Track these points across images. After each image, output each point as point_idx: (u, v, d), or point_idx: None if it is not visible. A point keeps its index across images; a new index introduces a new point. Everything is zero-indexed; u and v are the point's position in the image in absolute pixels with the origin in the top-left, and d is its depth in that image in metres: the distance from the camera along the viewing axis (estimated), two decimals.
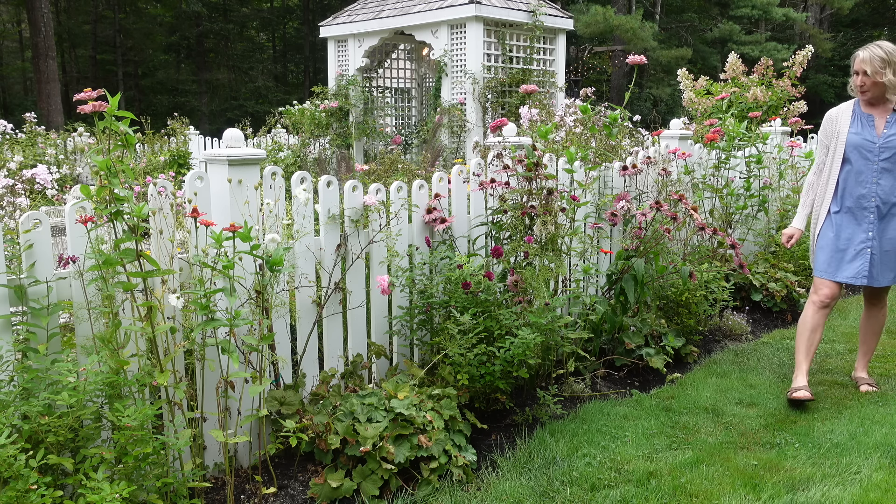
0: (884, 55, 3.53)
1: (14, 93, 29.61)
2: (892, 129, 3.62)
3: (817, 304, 3.78)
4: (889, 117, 3.65)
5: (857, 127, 3.67)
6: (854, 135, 3.66)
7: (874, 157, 3.62)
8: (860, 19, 28.42)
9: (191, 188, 2.72)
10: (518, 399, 3.66)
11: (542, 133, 3.97)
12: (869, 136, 3.63)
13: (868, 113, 3.68)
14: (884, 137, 3.61)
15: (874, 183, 3.63)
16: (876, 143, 3.61)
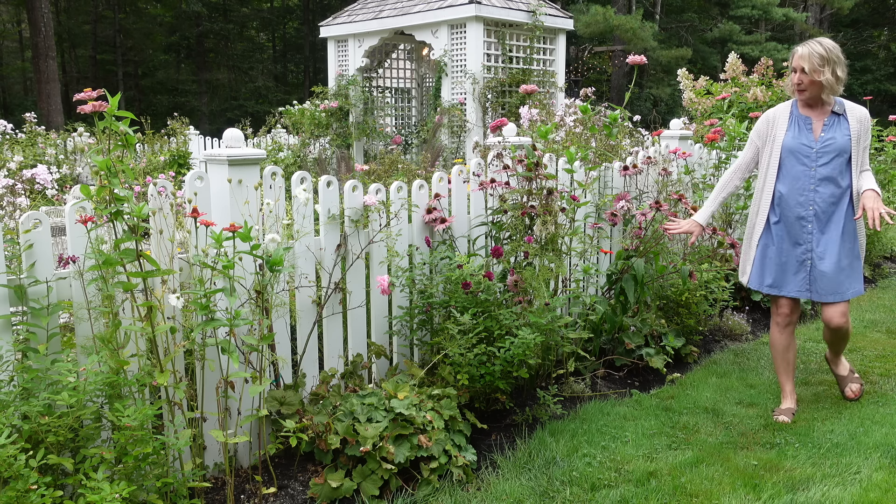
0: (823, 52, 3.30)
1: (14, 93, 29.61)
2: (830, 133, 3.37)
3: (780, 324, 3.61)
4: (827, 120, 3.40)
5: (793, 130, 3.43)
6: (791, 138, 3.41)
7: (811, 162, 3.37)
8: (860, 19, 28.42)
9: (191, 188, 2.72)
10: (518, 399, 3.66)
11: (542, 133, 3.97)
12: (806, 140, 3.39)
13: (806, 115, 3.43)
14: (822, 141, 3.36)
15: (812, 190, 3.37)
16: (813, 147, 3.37)
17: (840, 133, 3.36)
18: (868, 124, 3.42)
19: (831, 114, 3.41)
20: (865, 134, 3.40)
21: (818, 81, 3.31)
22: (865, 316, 5.32)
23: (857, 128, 3.37)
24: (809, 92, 3.37)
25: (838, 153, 3.35)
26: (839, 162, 3.36)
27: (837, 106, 3.40)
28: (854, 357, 4.44)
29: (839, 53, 3.34)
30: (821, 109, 3.42)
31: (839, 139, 3.35)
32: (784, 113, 3.49)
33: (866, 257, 6.71)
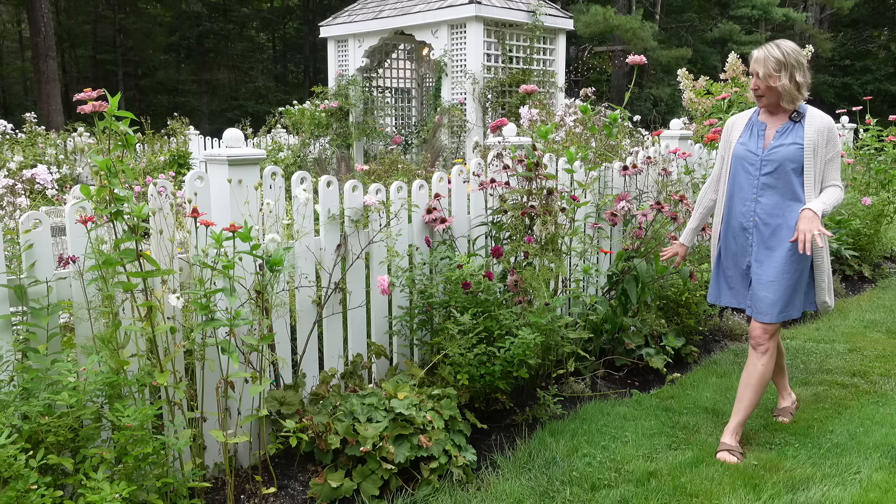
0: (780, 56, 3.04)
1: (14, 93, 29.63)
2: (779, 141, 3.12)
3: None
4: (782, 127, 3.14)
5: (745, 136, 3.22)
6: (740, 145, 3.22)
7: (755, 170, 3.15)
8: (860, 19, 28.42)
9: (191, 188, 2.72)
10: (518, 399, 3.66)
11: (542, 133, 3.96)
12: (754, 148, 3.17)
13: (763, 122, 3.21)
14: (769, 149, 3.12)
15: (753, 200, 3.16)
16: (759, 155, 3.15)
17: (790, 141, 3.10)
18: (832, 135, 3.09)
19: (788, 120, 3.14)
20: (828, 146, 3.09)
21: (774, 88, 3.07)
22: (865, 316, 5.32)
23: (815, 138, 3.07)
24: (767, 98, 3.13)
25: (782, 163, 3.08)
26: (785, 172, 3.09)
27: (797, 114, 3.14)
28: (854, 357, 4.44)
29: (799, 57, 3.08)
30: (780, 115, 3.18)
31: (787, 148, 3.09)
32: (743, 119, 3.30)
33: (866, 257, 6.70)
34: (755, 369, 3.22)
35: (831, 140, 3.10)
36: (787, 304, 3.13)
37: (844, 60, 27.10)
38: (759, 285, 3.15)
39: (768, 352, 3.20)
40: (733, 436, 3.21)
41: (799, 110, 3.14)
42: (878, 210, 6.69)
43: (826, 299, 3.21)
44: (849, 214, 6.46)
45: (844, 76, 26.90)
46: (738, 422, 3.23)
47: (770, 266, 3.12)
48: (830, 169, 3.11)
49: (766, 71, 3.06)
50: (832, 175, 3.11)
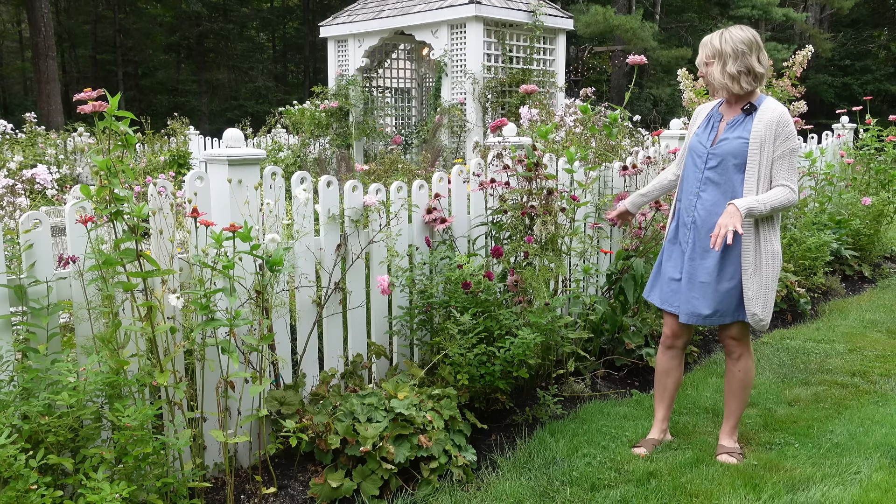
0: (717, 45, 2.87)
1: (14, 93, 29.62)
2: (727, 134, 2.93)
3: (663, 344, 3.26)
4: (733, 119, 2.95)
5: (702, 128, 3.05)
6: (695, 136, 3.06)
7: (701, 164, 2.98)
8: (860, 19, 28.42)
9: (191, 188, 2.73)
10: (518, 399, 3.66)
11: (542, 133, 3.96)
12: (704, 140, 3.00)
13: (721, 113, 3.03)
14: (717, 143, 2.95)
15: (695, 195, 2.99)
16: (707, 148, 2.97)
17: (736, 135, 2.90)
18: (784, 130, 2.83)
19: (741, 112, 2.94)
20: (777, 141, 2.84)
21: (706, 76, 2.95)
22: (865, 316, 5.32)
23: (763, 132, 2.83)
24: (709, 87, 2.97)
25: (725, 157, 2.90)
26: (727, 168, 2.90)
27: (750, 106, 2.93)
28: (854, 357, 4.44)
29: (742, 47, 2.84)
30: (735, 107, 2.98)
31: (732, 142, 2.90)
32: (706, 109, 3.12)
33: (866, 257, 6.70)
34: (733, 376, 3.13)
35: (781, 135, 2.83)
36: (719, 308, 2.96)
37: (844, 60, 27.10)
38: (697, 284, 2.98)
39: (742, 356, 3.10)
40: (731, 437, 3.17)
41: (754, 103, 2.92)
42: (878, 210, 6.69)
43: (756, 311, 2.90)
44: (849, 214, 6.46)
45: (844, 76, 26.90)
46: (732, 424, 3.18)
47: (706, 268, 2.95)
48: (780, 168, 2.84)
49: (700, 59, 2.96)
50: (782, 175, 2.84)
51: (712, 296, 2.95)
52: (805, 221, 5.95)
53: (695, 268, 2.99)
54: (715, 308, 2.96)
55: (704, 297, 2.96)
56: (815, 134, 7.50)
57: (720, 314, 2.97)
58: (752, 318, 2.93)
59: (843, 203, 6.52)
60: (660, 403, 3.30)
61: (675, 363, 3.25)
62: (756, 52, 2.88)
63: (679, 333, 3.19)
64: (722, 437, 3.19)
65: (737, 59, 2.85)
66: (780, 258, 2.95)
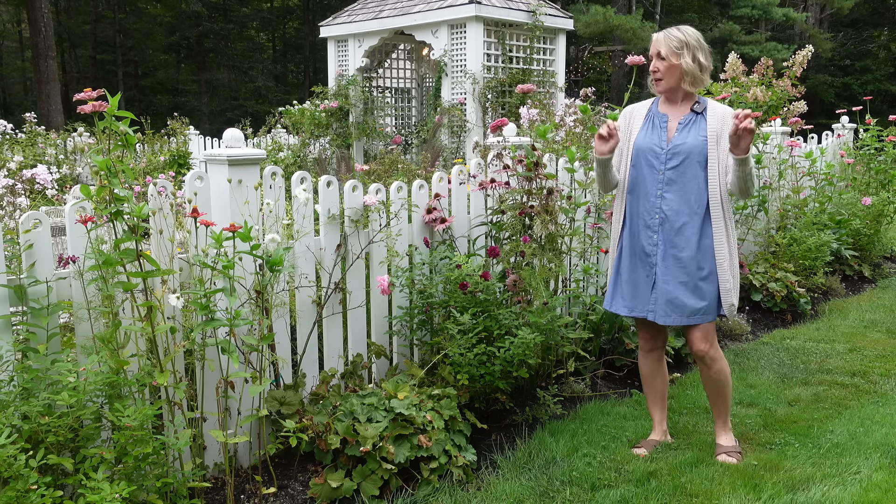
0: (681, 36, 2.93)
1: (14, 93, 29.62)
2: (683, 133, 2.97)
3: (643, 349, 3.27)
4: (684, 119, 3.00)
5: (647, 128, 3.05)
6: (642, 137, 3.04)
7: (660, 164, 2.98)
8: (860, 19, 28.42)
9: (191, 188, 2.73)
10: (518, 399, 3.66)
11: (541, 133, 3.96)
12: (657, 141, 3.00)
13: (664, 113, 3.05)
14: (673, 143, 2.97)
15: (658, 196, 2.99)
16: (664, 148, 2.98)
17: (695, 133, 2.96)
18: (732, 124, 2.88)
19: (690, 112, 3.00)
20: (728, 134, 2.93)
21: (676, 66, 2.93)
22: (865, 316, 5.32)
23: (717, 127, 2.94)
24: (667, 81, 2.98)
25: (688, 155, 2.94)
26: (691, 166, 2.95)
27: (699, 104, 3.00)
28: (854, 357, 4.44)
29: (701, 41, 2.97)
30: (680, 106, 3.03)
31: (692, 140, 2.95)
32: (642, 109, 3.11)
33: (866, 257, 6.70)
34: (709, 379, 3.11)
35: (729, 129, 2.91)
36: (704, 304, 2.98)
37: (844, 60, 27.10)
38: (667, 288, 2.98)
39: (716, 359, 3.05)
40: (726, 435, 3.18)
41: (699, 101, 3.01)
42: (878, 210, 6.69)
43: (733, 301, 3.01)
44: (849, 214, 6.46)
45: (844, 76, 26.89)
46: (724, 421, 3.19)
47: (682, 269, 2.96)
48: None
49: (669, 49, 2.93)
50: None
51: (695, 293, 2.97)
52: (805, 221, 5.95)
53: (669, 268, 2.98)
54: (704, 304, 2.98)
55: (688, 295, 2.97)
56: (815, 134, 7.50)
57: (704, 311, 2.98)
58: (729, 310, 3.00)
59: (843, 203, 6.52)
60: (654, 406, 3.32)
61: (657, 365, 3.27)
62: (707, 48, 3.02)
63: (656, 335, 3.22)
64: (718, 435, 3.20)
65: (702, 51, 2.96)
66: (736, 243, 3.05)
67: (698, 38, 2.97)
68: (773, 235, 6.00)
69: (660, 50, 2.95)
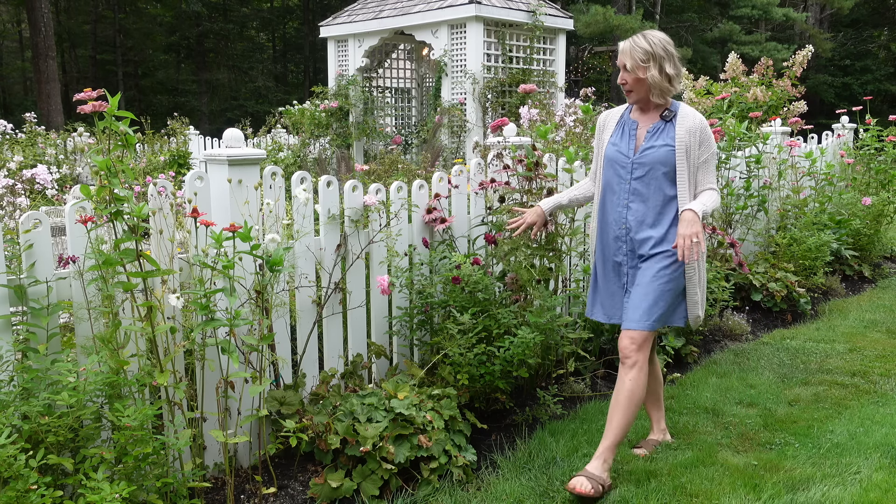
0: (647, 46, 2.81)
1: (14, 93, 29.63)
2: (651, 142, 2.88)
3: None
4: (653, 126, 2.90)
5: (616, 136, 2.97)
6: (611, 146, 2.96)
7: (626, 174, 2.90)
8: (860, 19, 28.42)
9: (191, 188, 2.73)
10: (518, 399, 3.66)
11: (541, 133, 3.97)
12: (625, 149, 2.92)
13: (634, 120, 2.96)
14: (640, 151, 2.89)
15: (624, 206, 2.91)
16: (630, 157, 2.90)
17: (661, 143, 2.87)
18: (705, 135, 2.87)
19: (660, 119, 2.91)
20: (701, 147, 2.87)
21: (643, 80, 2.84)
22: (865, 316, 5.32)
23: (686, 139, 2.84)
24: (636, 93, 2.89)
25: (653, 166, 2.86)
26: (657, 176, 2.86)
27: (668, 112, 2.90)
28: (854, 357, 4.44)
29: (669, 48, 2.85)
30: (651, 114, 2.94)
31: (658, 150, 2.86)
32: (615, 116, 3.04)
33: (866, 257, 6.70)
34: (622, 385, 2.90)
35: (704, 141, 2.88)
36: (655, 313, 2.87)
37: (844, 60, 27.10)
38: (629, 293, 2.95)
39: (636, 365, 2.88)
40: (600, 462, 2.83)
41: (671, 108, 2.91)
42: (878, 210, 6.69)
43: (699, 313, 2.96)
44: (849, 214, 6.46)
45: (844, 76, 26.90)
46: (608, 446, 2.85)
47: (642, 275, 2.90)
48: (705, 171, 2.89)
49: (634, 63, 2.83)
50: (707, 178, 2.90)
51: (650, 301, 2.87)
52: (805, 221, 5.95)
53: (636, 276, 2.93)
54: (650, 313, 2.86)
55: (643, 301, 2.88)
56: (815, 134, 7.50)
57: (655, 321, 2.88)
58: (694, 321, 2.98)
59: (843, 203, 6.52)
60: (650, 406, 3.28)
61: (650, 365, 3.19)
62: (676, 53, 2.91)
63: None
64: (593, 459, 2.85)
65: (670, 60, 2.85)
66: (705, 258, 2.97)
67: (665, 45, 2.84)
68: (773, 235, 6.00)
69: (626, 63, 2.85)
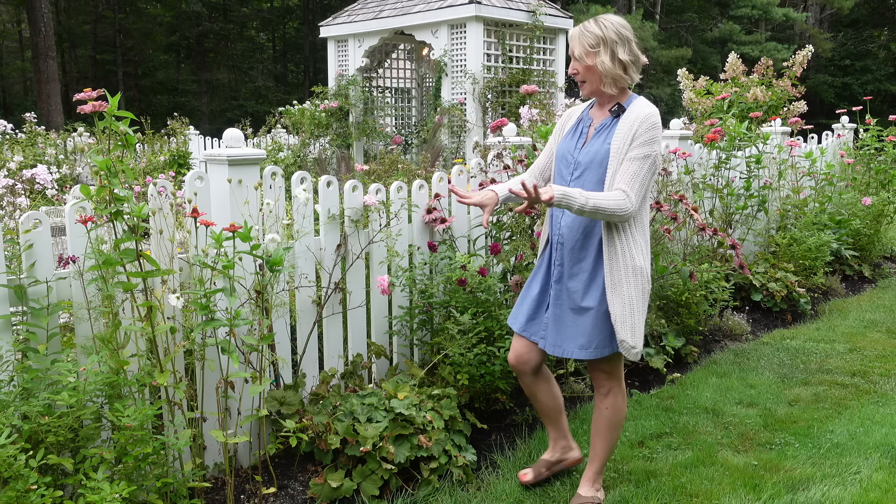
0: (598, 31, 2.47)
1: (14, 93, 29.62)
2: (594, 140, 2.56)
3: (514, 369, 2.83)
4: (601, 124, 2.58)
5: (570, 133, 2.68)
6: (563, 142, 2.68)
7: (567, 174, 2.60)
8: (860, 19, 28.43)
9: (191, 188, 2.73)
10: (518, 399, 3.66)
11: (542, 133, 3.96)
12: (571, 148, 2.62)
13: (591, 116, 2.66)
14: (582, 150, 2.58)
15: (561, 210, 2.62)
16: (573, 157, 2.60)
17: (602, 140, 2.55)
18: (642, 130, 2.49)
19: (609, 115, 2.58)
20: (634, 143, 2.48)
21: (593, 68, 2.49)
22: (865, 316, 5.32)
23: (623, 134, 2.50)
24: (589, 84, 2.55)
25: (589, 167, 2.54)
26: (590, 179, 2.53)
27: (617, 107, 2.57)
28: (854, 357, 4.44)
29: (624, 31, 2.50)
30: (604, 109, 2.62)
31: (597, 148, 2.54)
32: (577, 112, 2.74)
33: (866, 257, 6.70)
34: (600, 414, 2.73)
35: (638, 136, 2.48)
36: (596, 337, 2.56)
37: (844, 60, 27.11)
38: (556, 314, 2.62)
39: (611, 392, 2.70)
40: (591, 485, 2.75)
41: (623, 103, 2.56)
42: (878, 210, 6.69)
43: (624, 337, 2.50)
44: (849, 214, 6.46)
45: (844, 76, 26.90)
46: (596, 470, 2.76)
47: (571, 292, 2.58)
48: (624, 170, 2.46)
49: (582, 49, 2.50)
50: (625, 178, 2.45)
51: (584, 325, 2.55)
52: (805, 221, 5.96)
53: (561, 292, 2.61)
54: (589, 339, 2.55)
55: (576, 327, 2.57)
56: (815, 134, 7.50)
57: (595, 346, 2.56)
58: (621, 346, 2.52)
59: (843, 203, 6.52)
60: (546, 422, 2.93)
61: (536, 385, 2.82)
62: (635, 38, 2.56)
63: (525, 358, 2.76)
64: (582, 483, 2.77)
65: (625, 46, 2.49)
66: (645, 276, 2.53)
67: (618, 29, 2.49)
68: (773, 235, 6.00)
69: (575, 49, 2.53)
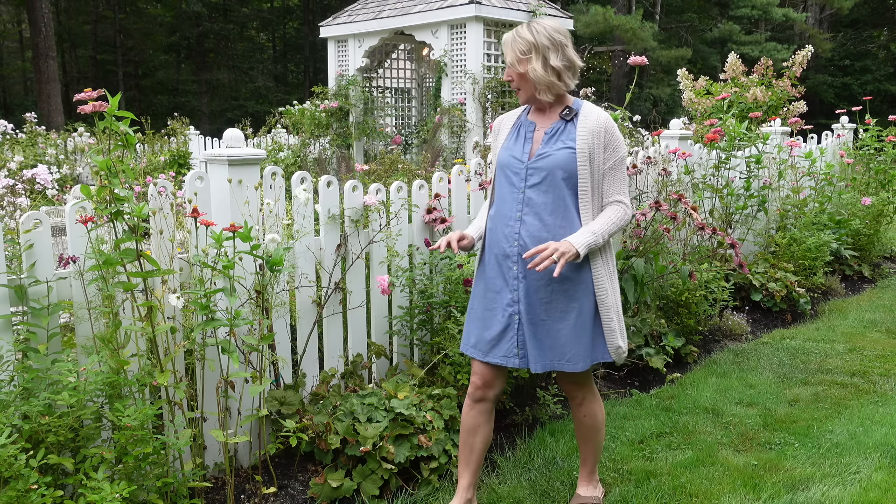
0: (530, 37, 2.41)
1: (14, 93, 29.63)
2: (549, 145, 2.46)
3: (471, 396, 2.61)
4: (551, 127, 2.49)
5: (511, 140, 2.57)
6: (504, 150, 2.57)
7: (520, 182, 2.48)
8: (860, 19, 28.43)
9: (191, 188, 2.73)
10: (518, 399, 3.66)
11: None
12: (518, 154, 2.51)
13: (532, 121, 2.56)
14: (536, 156, 2.46)
15: (517, 220, 2.47)
16: (524, 162, 2.48)
17: (560, 145, 2.45)
18: (610, 137, 2.45)
19: (559, 119, 2.50)
20: (606, 150, 2.45)
21: (525, 75, 2.43)
22: (865, 316, 5.32)
23: (589, 141, 2.43)
24: (524, 91, 2.49)
25: (551, 171, 2.43)
26: (556, 185, 2.43)
27: (568, 111, 2.50)
28: (854, 357, 4.44)
29: (558, 36, 2.43)
30: (549, 113, 2.53)
31: (557, 154, 2.44)
32: (511, 118, 2.65)
33: (866, 257, 6.70)
34: (579, 423, 2.71)
35: (610, 143, 2.45)
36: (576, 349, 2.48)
37: (844, 60, 27.11)
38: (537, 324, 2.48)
39: (585, 400, 2.66)
40: (588, 484, 2.77)
41: (572, 107, 2.50)
42: (878, 210, 6.69)
43: (619, 344, 2.51)
44: (848, 214, 6.46)
45: (844, 76, 26.90)
46: (590, 469, 2.77)
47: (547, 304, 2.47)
48: (611, 180, 2.47)
49: (514, 55, 2.44)
50: (614, 188, 2.47)
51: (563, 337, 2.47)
52: (805, 221, 5.96)
53: (533, 306, 2.47)
54: (567, 351, 2.48)
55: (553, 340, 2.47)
56: (815, 134, 7.50)
57: (571, 359, 2.48)
58: (615, 353, 2.52)
59: (842, 203, 6.52)
60: (464, 468, 2.63)
61: (484, 418, 2.60)
62: (570, 43, 2.49)
63: (492, 383, 2.58)
64: (579, 484, 2.79)
65: (558, 52, 2.42)
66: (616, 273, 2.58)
67: (551, 34, 2.42)
68: (772, 235, 6.00)
69: (507, 56, 2.47)
